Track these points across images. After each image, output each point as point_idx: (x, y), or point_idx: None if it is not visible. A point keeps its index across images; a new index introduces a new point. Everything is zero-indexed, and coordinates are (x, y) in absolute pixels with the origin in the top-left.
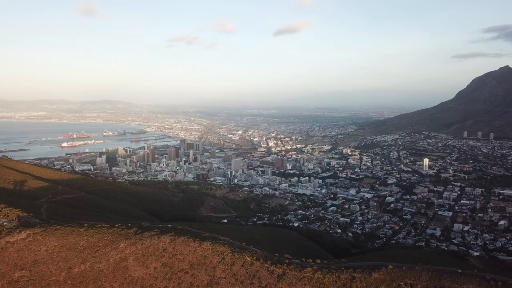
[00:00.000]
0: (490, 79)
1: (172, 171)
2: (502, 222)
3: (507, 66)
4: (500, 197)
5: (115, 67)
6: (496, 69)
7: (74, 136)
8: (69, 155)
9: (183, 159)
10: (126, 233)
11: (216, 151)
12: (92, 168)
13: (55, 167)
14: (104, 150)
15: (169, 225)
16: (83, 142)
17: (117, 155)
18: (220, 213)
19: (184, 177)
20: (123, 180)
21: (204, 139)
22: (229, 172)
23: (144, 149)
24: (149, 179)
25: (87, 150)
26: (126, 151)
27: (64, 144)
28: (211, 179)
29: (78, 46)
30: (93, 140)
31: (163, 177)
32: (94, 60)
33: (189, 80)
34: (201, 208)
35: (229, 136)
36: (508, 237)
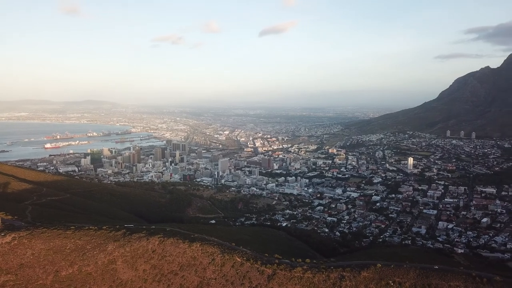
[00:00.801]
0: (472, 79)
1: (159, 172)
2: (484, 219)
3: (488, 66)
4: (483, 195)
5: (99, 66)
6: (477, 70)
7: (58, 137)
8: (52, 156)
9: (169, 159)
10: (114, 235)
11: (203, 151)
12: (77, 170)
13: (39, 169)
14: (88, 151)
15: (158, 227)
16: (67, 143)
17: (102, 156)
18: (208, 214)
19: (170, 178)
20: (109, 181)
21: (190, 139)
22: (216, 173)
23: (130, 149)
24: (135, 180)
25: (71, 151)
26: (111, 152)
27: (48, 145)
28: (198, 180)
29: (61, 45)
30: (77, 141)
31: (150, 178)
32: (77, 59)
33: (175, 80)
34: (188, 209)
35: (216, 136)
36: (491, 234)
